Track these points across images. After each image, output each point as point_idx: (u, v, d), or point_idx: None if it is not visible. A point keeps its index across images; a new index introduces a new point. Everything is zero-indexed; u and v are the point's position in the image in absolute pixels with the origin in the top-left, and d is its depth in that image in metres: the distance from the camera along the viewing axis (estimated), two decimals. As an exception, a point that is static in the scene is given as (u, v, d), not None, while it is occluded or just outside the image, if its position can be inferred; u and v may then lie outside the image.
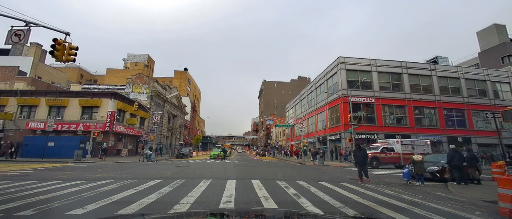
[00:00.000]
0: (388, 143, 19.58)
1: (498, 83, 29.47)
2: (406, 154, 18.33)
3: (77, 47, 9.07)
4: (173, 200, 5.52)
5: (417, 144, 19.53)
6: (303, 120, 33.63)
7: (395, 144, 19.03)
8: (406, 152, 18.44)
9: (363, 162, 9.87)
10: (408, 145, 19.18)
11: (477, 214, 5.18)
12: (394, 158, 18.31)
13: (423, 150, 19.33)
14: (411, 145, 19.26)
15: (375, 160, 17.61)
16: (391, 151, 18.57)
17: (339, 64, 26.86)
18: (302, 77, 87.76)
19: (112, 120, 23.72)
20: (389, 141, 19.72)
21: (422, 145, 19.75)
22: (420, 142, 20.16)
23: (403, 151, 18.47)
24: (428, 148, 19.88)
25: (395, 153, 18.45)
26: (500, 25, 42.13)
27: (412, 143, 19.49)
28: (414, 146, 19.20)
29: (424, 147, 19.61)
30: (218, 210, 3.88)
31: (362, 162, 9.88)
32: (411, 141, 19.81)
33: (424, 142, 20.12)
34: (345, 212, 4.89)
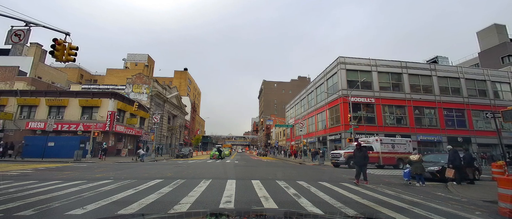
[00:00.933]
0: (367, 141, 18.71)
1: (498, 83, 29.47)
2: (386, 153, 17.97)
3: (77, 47, 9.07)
4: (173, 200, 5.52)
5: (397, 143, 18.87)
6: (303, 120, 33.63)
7: (374, 142, 18.26)
8: (386, 151, 18.02)
9: (362, 163, 9.33)
10: (388, 143, 18.50)
11: (477, 214, 5.18)
12: (372, 157, 17.04)
13: (404, 149, 18.88)
14: (391, 143, 18.60)
15: (352, 159, 17.23)
16: (370, 150, 17.43)
17: (339, 64, 26.86)
18: (302, 77, 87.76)
19: (112, 120, 23.71)
20: (368, 140, 18.98)
21: (403, 143, 19.19)
22: (400, 140, 19.54)
23: (382, 150, 17.93)
24: (409, 147, 19.41)
25: (374, 152, 17.52)
26: (500, 25, 42.13)
27: (392, 142, 18.81)
28: (394, 145, 18.60)
29: (405, 146, 19.09)
30: (218, 210, 3.88)
31: (361, 163, 9.33)
32: (391, 140, 19.07)
33: (405, 141, 19.58)
34: (345, 212, 4.89)
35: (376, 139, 18.46)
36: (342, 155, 17.51)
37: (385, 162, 17.90)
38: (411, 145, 19.85)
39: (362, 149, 9.66)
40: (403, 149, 19.05)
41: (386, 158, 17.91)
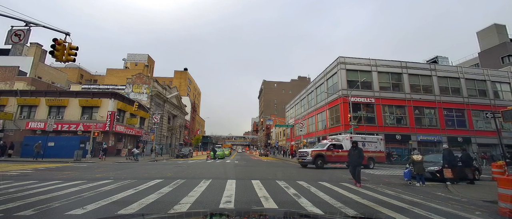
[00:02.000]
0: (337, 139, 18.05)
1: (498, 83, 29.46)
2: None
3: (77, 47, 9.07)
4: (173, 200, 5.52)
5: (369, 141, 18.13)
6: (303, 120, 33.63)
7: (344, 140, 17.57)
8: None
9: (357, 163, 8.70)
10: (359, 141, 17.51)
11: (477, 214, 5.18)
12: (341, 156, 16.45)
13: (375, 147, 18.19)
14: (362, 142, 17.66)
15: (320, 159, 16.07)
16: (340, 148, 16.87)
17: (339, 64, 26.86)
18: (302, 77, 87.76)
19: (112, 120, 23.71)
20: (338, 138, 18.35)
21: (374, 142, 18.41)
22: (372, 138, 18.70)
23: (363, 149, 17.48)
24: (381, 145, 18.77)
25: (344, 150, 16.59)
26: (500, 25, 42.13)
27: (363, 140, 18.00)
28: (365, 143, 17.82)
29: (376, 145, 18.34)
30: (218, 210, 3.88)
31: (355, 163, 8.70)
32: (362, 138, 18.30)
33: (376, 139, 18.80)
34: (345, 212, 4.89)
35: (347, 137, 17.69)
36: (309, 153, 16.47)
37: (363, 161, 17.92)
38: (383, 143, 19.01)
39: (357, 148, 9.08)
40: (374, 147, 18.24)
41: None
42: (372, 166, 17.12)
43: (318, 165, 15.96)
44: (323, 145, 17.34)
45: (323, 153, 16.40)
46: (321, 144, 17.86)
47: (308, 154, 16.47)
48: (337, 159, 16.82)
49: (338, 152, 16.80)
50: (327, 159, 16.37)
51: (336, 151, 16.81)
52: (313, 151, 16.55)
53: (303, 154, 17.27)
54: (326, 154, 16.43)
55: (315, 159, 16.00)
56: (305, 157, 16.81)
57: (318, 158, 16.02)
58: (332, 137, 18.30)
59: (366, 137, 18.59)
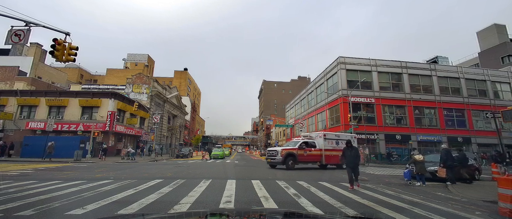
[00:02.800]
0: (310, 137, 16.90)
1: (498, 83, 29.46)
2: (330, 150, 16.04)
3: (77, 47, 9.07)
4: (173, 200, 5.52)
5: (342, 139, 16.94)
6: (303, 120, 33.64)
7: (317, 138, 16.38)
8: (330, 148, 16.11)
9: (354, 164, 8.18)
10: (332, 140, 16.60)
11: (477, 214, 5.18)
12: (314, 155, 15.56)
13: None
14: (335, 140, 16.71)
15: (291, 158, 14.57)
16: (312, 147, 15.69)
17: (339, 64, 26.86)
18: (302, 77, 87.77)
19: (112, 120, 23.71)
20: (311, 135, 17.18)
21: (347, 140, 17.96)
22: (345, 136, 17.62)
23: (326, 147, 16.00)
24: (354, 144, 17.92)
25: (316, 149, 15.69)
26: (500, 25, 42.13)
27: (337, 138, 16.96)
28: (338, 141, 16.73)
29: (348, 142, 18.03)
30: (218, 210, 3.88)
31: (353, 164, 8.17)
32: (336, 136, 17.26)
33: (350, 137, 17.66)
34: (345, 212, 4.89)
35: (320, 135, 16.60)
36: (279, 153, 14.77)
37: (328, 161, 16.03)
38: (356, 141, 18.06)
39: (353, 148, 8.57)
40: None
41: (329, 157, 15.97)
42: (345, 167, 16.98)
43: (288, 165, 14.38)
44: (295, 143, 15.76)
45: (295, 152, 14.84)
46: (292, 142, 16.40)
47: (278, 153, 14.78)
48: (309, 159, 15.59)
49: (311, 151, 15.49)
50: (298, 158, 14.91)
51: (309, 150, 15.43)
52: (283, 149, 14.89)
53: (272, 153, 15.47)
54: (297, 153, 14.92)
55: (286, 159, 14.40)
56: (274, 157, 15.13)
57: (289, 157, 14.47)
58: (304, 134, 17.13)
59: (340, 135, 17.60)
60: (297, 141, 15.95)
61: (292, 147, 15.28)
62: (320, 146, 15.89)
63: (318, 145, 15.90)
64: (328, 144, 16.15)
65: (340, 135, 17.89)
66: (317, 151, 15.68)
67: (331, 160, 16.08)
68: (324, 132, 16.93)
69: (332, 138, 16.71)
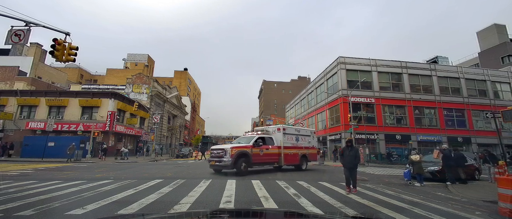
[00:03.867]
0: (266, 131, 13.88)
1: (498, 83, 29.46)
2: (289, 148, 13.43)
3: (77, 47, 9.07)
4: (173, 200, 5.52)
5: (302, 134, 14.91)
6: (303, 120, 33.63)
7: (276, 133, 13.54)
8: (289, 145, 13.51)
9: (353, 165, 7.44)
10: (292, 135, 14.15)
11: (477, 214, 5.18)
12: (272, 155, 12.53)
13: (308, 142, 15.33)
14: (295, 135, 14.35)
15: (244, 159, 11.08)
16: (269, 143, 12.61)
17: (339, 64, 26.86)
18: (302, 77, 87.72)
19: (112, 120, 23.71)
20: (267, 129, 14.10)
21: (307, 135, 15.37)
22: (306, 131, 15.65)
23: (285, 143, 13.18)
24: (314, 140, 16.11)
25: (274, 147, 12.75)
26: (500, 25, 42.13)
27: (297, 133, 14.65)
28: (298, 137, 14.50)
29: (309, 139, 15.47)
30: (218, 210, 3.88)
31: (351, 165, 7.43)
32: (296, 130, 14.89)
33: (310, 132, 15.98)
34: (345, 212, 4.89)
35: (278, 128, 13.63)
36: (228, 152, 10.73)
37: (287, 161, 13.21)
38: (316, 137, 16.30)
39: (352, 147, 7.74)
40: (307, 142, 15.09)
41: (289, 156, 13.34)
42: (305, 167, 14.41)
43: (241, 169, 10.76)
44: (249, 139, 12.31)
45: (248, 151, 11.32)
46: (245, 138, 12.95)
47: (226, 153, 10.77)
48: (266, 159, 12.24)
49: (268, 149, 12.27)
50: (253, 159, 11.42)
51: (265, 148, 12.13)
52: (234, 148, 11.10)
53: (219, 153, 11.09)
54: (252, 152, 11.45)
55: (237, 161, 10.73)
56: (221, 158, 10.82)
57: (241, 158, 10.95)
58: (258, 129, 14.37)
59: (299, 130, 15.19)
60: (251, 137, 12.53)
61: (245, 145, 11.61)
62: (279, 143, 13.04)
63: (276, 141, 12.98)
64: (287, 140, 13.45)
65: (301, 129, 15.34)
66: (275, 149, 12.69)
67: (290, 160, 13.42)
68: (283, 126, 13.99)
69: (292, 133, 14.22)
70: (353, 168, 7.40)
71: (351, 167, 7.39)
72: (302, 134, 14.88)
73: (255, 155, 11.60)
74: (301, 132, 14.97)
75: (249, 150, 11.40)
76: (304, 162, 14.47)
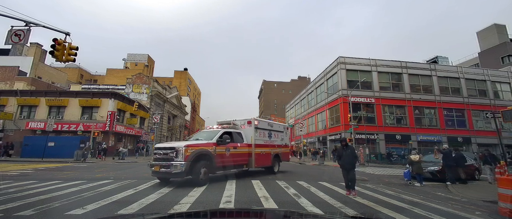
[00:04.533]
0: (233, 125, 10.97)
1: (498, 83, 29.47)
2: (261, 146, 10.97)
3: (77, 47, 9.07)
4: (173, 200, 5.52)
5: (275, 130, 12.57)
6: (303, 120, 33.62)
7: (245, 127, 10.88)
8: (262, 143, 11.07)
9: (351, 165, 7.00)
10: (265, 130, 11.63)
11: (477, 214, 5.18)
12: (241, 155, 9.89)
13: (281, 140, 13.12)
14: (268, 130, 11.91)
15: (205, 163, 8.09)
16: (237, 141, 9.95)
17: (339, 64, 26.87)
18: (302, 77, 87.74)
19: (112, 120, 23.72)
20: (235, 123, 11.17)
21: (280, 131, 13.20)
22: (279, 127, 13.33)
23: (257, 141, 10.64)
24: (287, 137, 13.90)
25: (243, 144, 10.13)
26: (500, 25, 42.14)
27: (270, 128, 12.18)
28: (271, 132, 12.13)
29: (282, 136, 13.30)
30: (218, 210, 3.88)
31: (349, 165, 6.99)
32: (268, 125, 12.24)
33: (283, 127, 13.84)
34: (345, 212, 4.89)
35: (249, 121, 10.91)
36: (181, 153, 7.59)
37: (259, 163, 10.74)
38: (288, 134, 14.28)
39: (348, 146, 7.32)
40: (280, 140, 12.93)
41: (260, 156, 10.85)
42: (277, 170, 12.11)
43: (199, 178, 7.75)
44: (211, 135, 9.30)
45: (210, 150, 8.42)
46: (205, 133, 9.85)
47: (179, 154, 7.60)
48: (233, 161, 9.37)
49: (236, 147, 9.66)
50: (216, 162, 8.54)
51: (233, 146, 9.47)
52: (189, 146, 7.85)
53: (166, 155, 7.84)
54: (216, 152, 8.59)
55: (194, 165, 7.72)
56: (170, 162, 7.62)
57: (201, 161, 7.97)
58: (223, 122, 11.35)
59: (273, 124, 12.75)
60: (214, 132, 9.45)
61: (206, 143, 8.59)
62: (249, 140, 10.50)
63: (245, 138, 10.45)
64: (259, 137, 11.03)
65: (274, 124, 12.92)
66: (244, 148, 10.12)
67: (261, 161, 11.00)
68: (256, 118, 11.16)
69: (265, 127, 11.73)
70: (352, 168, 7.02)
71: (350, 168, 7.00)
72: (275, 130, 12.64)
73: (220, 156, 8.67)
74: (274, 127, 12.66)
75: (211, 149, 8.34)
76: (277, 163, 12.33)
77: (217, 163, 8.57)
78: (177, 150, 7.57)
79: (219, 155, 8.73)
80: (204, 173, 7.90)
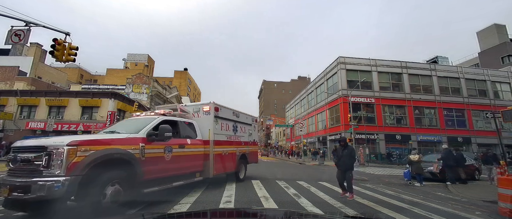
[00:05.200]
0: (181, 111, 7.16)
1: (498, 83, 29.47)
2: (223, 143, 7.90)
3: (77, 47, 9.07)
4: (173, 200, 5.52)
5: (241, 122, 9.45)
6: (303, 120, 33.64)
7: (200, 116, 7.60)
8: (224, 139, 8.01)
9: (348, 166, 6.54)
10: (228, 121, 8.51)
11: (477, 214, 5.19)
12: (190, 157, 6.47)
13: (249, 135, 10.02)
14: (233, 122, 8.79)
15: (117, 173, 4.24)
16: (186, 135, 6.49)
17: (339, 64, 26.87)
18: (302, 77, 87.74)
19: (112, 120, 23.71)
20: (183, 109, 7.52)
21: (248, 124, 10.07)
22: (246, 118, 9.95)
23: (217, 136, 7.58)
24: (255, 132, 10.76)
25: (196, 142, 6.78)
26: (500, 25, 42.14)
27: (236, 119, 9.01)
28: (237, 124, 9.01)
29: (250, 129, 10.18)
30: (218, 210, 3.88)
31: (347, 166, 6.54)
32: (233, 114, 8.95)
33: (251, 119, 10.38)
34: (345, 212, 4.90)
35: (206, 108, 7.60)
36: (59, 158, 3.52)
37: (219, 168, 7.51)
38: (256, 127, 11.19)
39: (347, 146, 6.79)
40: (247, 135, 9.83)
41: (222, 158, 7.74)
42: (243, 176, 8.95)
43: (101, 203, 3.86)
44: (139, 124, 5.47)
45: (132, 151, 4.54)
46: (131, 123, 6.00)
47: (55, 160, 3.53)
48: (179, 167, 5.97)
49: (184, 146, 6.23)
50: (145, 170, 4.74)
51: (180, 144, 6.02)
52: (79, 144, 3.76)
53: (28, 164, 3.72)
54: (144, 154, 4.77)
55: (90, 180, 3.76)
56: (33, 178, 3.46)
57: (107, 173, 4.07)
58: (166, 106, 7.70)
59: (238, 114, 9.37)
60: (146, 120, 5.77)
61: (125, 138, 4.68)
62: (206, 135, 7.23)
63: (200, 132, 7.04)
64: (221, 130, 7.93)
65: (240, 114, 9.49)
66: (198, 147, 6.80)
67: (223, 165, 7.79)
68: (217, 104, 7.85)
69: (228, 117, 8.56)
70: (348, 170, 6.53)
71: (346, 169, 6.53)
72: (242, 122, 9.50)
73: (153, 160, 5.05)
74: (241, 118, 9.43)
75: (134, 149, 4.64)
76: (243, 166, 9.13)
77: (147, 173, 4.77)
78: (51, 152, 3.60)
79: (152, 159, 4.94)
80: (113, 194, 4.06)
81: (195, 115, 7.65)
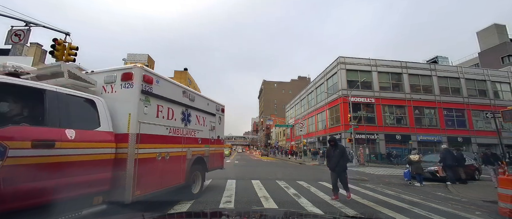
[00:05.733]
0: (73, 79, 3.46)
1: (498, 83, 29.46)
2: (165, 141, 4.57)
3: (77, 47, 9.07)
4: (173, 200, 5.51)
5: (200, 109, 6.19)
6: (303, 120, 33.64)
7: (116, 88, 4.01)
8: (163, 134, 4.54)
9: (341, 167, 6.28)
10: (175, 104, 5.02)
11: (477, 214, 5.19)
12: (76, 165, 2.89)
13: (211, 128, 6.87)
14: (183, 105, 5.36)
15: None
16: (71, 124, 2.95)
17: (339, 64, 26.87)
18: (302, 77, 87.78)
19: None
20: (80, 74, 3.69)
21: (212, 114, 7.01)
22: (209, 106, 6.86)
23: (150, 128, 4.14)
24: (221, 126, 7.90)
25: (100, 134, 3.36)
26: (500, 25, 42.13)
27: (188, 102, 5.61)
28: (190, 112, 5.66)
29: (214, 121, 7.12)
30: (218, 210, 3.88)
31: (340, 168, 6.28)
32: (185, 95, 5.51)
33: (215, 108, 7.29)
34: (345, 212, 4.90)
35: (126, 74, 3.96)
36: None
37: (151, 183, 4.19)
38: (224, 119, 8.33)
39: (337, 146, 6.52)
40: (209, 128, 6.72)
41: (159, 166, 4.38)
42: (197, 190, 6.00)
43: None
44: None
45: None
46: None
47: None
48: (32, 182, 2.42)
49: (54, 144, 2.62)
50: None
51: (35, 140, 2.44)
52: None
53: None
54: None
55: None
56: None
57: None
58: (42, 68, 3.62)
59: (194, 97, 5.92)
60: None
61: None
62: (122, 124, 3.76)
63: (109, 118, 3.61)
64: (155, 119, 4.36)
65: (196, 97, 6.11)
66: (95, 145, 3.25)
67: (161, 176, 4.52)
68: (147, 69, 4.26)
69: (173, 98, 5.01)
70: (341, 171, 6.23)
71: (340, 170, 6.22)
72: (199, 109, 6.19)
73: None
74: (197, 104, 6.10)
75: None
76: (199, 176, 6.14)
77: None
78: None
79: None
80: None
81: (107, 88, 4.11)
